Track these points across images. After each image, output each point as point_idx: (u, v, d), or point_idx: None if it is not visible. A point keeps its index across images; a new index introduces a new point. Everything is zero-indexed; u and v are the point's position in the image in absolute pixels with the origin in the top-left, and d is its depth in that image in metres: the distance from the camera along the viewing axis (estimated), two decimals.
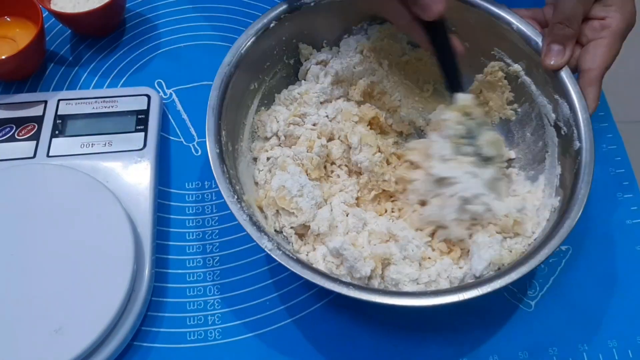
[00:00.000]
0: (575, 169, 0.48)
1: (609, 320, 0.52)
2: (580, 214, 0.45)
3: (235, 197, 0.46)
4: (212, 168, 0.47)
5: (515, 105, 0.57)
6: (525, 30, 0.53)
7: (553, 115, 0.52)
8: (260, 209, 0.51)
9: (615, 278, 0.53)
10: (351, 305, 0.52)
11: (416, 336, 0.51)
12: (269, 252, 0.44)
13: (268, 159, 0.54)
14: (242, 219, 0.45)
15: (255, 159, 0.55)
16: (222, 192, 0.46)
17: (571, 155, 0.49)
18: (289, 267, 0.43)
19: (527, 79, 0.55)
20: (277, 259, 0.43)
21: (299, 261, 0.44)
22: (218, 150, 0.48)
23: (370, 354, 0.50)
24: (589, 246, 0.55)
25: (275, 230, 0.50)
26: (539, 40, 0.52)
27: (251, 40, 0.53)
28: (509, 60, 0.55)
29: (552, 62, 0.51)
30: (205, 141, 0.48)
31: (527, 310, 0.52)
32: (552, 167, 0.52)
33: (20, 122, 0.58)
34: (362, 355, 0.50)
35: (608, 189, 0.58)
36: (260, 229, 0.45)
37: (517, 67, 0.55)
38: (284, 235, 0.50)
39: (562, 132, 0.51)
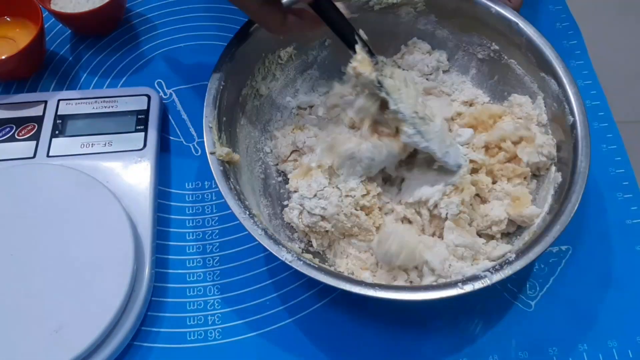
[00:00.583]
0: (572, 143, 0.48)
1: (609, 320, 0.52)
2: (584, 187, 0.46)
3: (247, 212, 0.45)
4: (219, 187, 0.47)
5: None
6: (504, 13, 0.54)
7: (541, 94, 0.53)
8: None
9: (615, 278, 0.53)
10: (351, 305, 0.52)
11: (416, 335, 0.51)
12: (289, 263, 0.43)
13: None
14: (257, 234, 0.45)
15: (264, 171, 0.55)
16: (233, 210, 0.45)
17: (565, 130, 0.50)
18: (311, 275, 0.43)
19: (512, 62, 0.56)
20: (299, 269, 0.43)
21: (321, 269, 0.44)
22: (222, 168, 0.48)
23: (370, 353, 0.50)
24: (589, 246, 0.55)
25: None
26: (519, 22, 0.54)
27: (238, 47, 0.53)
28: (490, 44, 0.57)
29: None
30: (204, 141, 0.48)
31: (527, 310, 0.52)
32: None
33: (20, 122, 0.58)
34: (361, 354, 0.50)
35: (608, 189, 0.58)
36: (277, 241, 0.45)
37: (498, 49, 0.56)
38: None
39: (553, 109, 0.52)
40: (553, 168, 0.51)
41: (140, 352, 0.50)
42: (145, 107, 0.60)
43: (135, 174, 0.56)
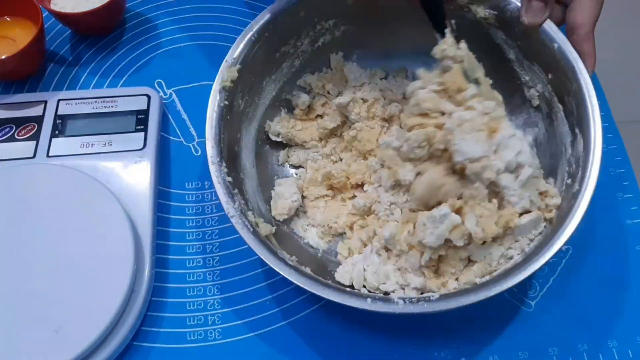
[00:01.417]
0: (569, 209, 0.45)
1: (609, 320, 0.51)
2: (550, 256, 0.42)
3: (219, 158, 0.46)
4: (209, 102, 0.47)
5: None
6: (566, 53, 0.49)
7: (570, 150, 0.50)
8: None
9: (615, 278, 0.53)
10: (346, 307, 0.52)
11: (415, 336, 0.51)
12: (230, 218, 0.44)
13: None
14: (217, 180, 0.45)
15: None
16: (207, 150, 0.46)
17: (570, 194, 0.47)
18: (244, 237, 0.43)
19: (559, 107, 0.51)
20: (236, 226, 0.44)
21: (255, 233, 0.44)
22: (222, 104, 0.49)
23: (371, 353, 0.50)
24: (589, 246, 0.55)
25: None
26: (576, 66, 0.48)
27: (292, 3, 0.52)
28: (546, 87, 0.53)
29: (531, 20, 0.50)
30: (204, 141, 0.48)
31: (527, 310, 0.52)
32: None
33: (20, 122, 0.58)
34: (361, 356, 0.50)
35: (608, 189, 0.58)
36: (231, 195, 0.45)
37: (551, 91, 0.52)
38: None
39: (571, 171, 0.49)
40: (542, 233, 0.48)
41: (140, 352, 0.50)
42: (145, 107, 0.60)
43: (135, 174, 0.56)
